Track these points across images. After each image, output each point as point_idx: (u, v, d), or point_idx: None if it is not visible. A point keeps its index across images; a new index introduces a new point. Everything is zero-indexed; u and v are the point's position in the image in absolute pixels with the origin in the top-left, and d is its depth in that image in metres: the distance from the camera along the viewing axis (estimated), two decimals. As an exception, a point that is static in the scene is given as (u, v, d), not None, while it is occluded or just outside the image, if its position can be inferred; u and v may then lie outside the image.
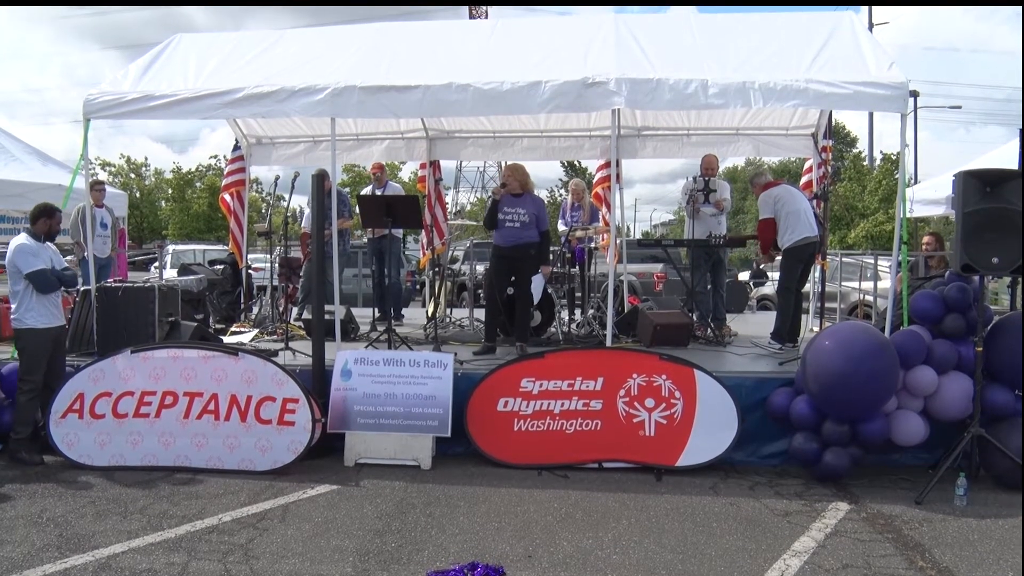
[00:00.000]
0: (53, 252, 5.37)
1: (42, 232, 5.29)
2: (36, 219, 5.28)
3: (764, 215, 6.85)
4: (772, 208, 6.78)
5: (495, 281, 6.58)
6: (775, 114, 8.01)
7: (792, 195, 6.80)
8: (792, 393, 5.17)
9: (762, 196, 6.91)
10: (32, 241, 5.23)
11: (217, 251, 17.27)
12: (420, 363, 5.26)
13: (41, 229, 5.28)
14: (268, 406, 5.05)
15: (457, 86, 5.67)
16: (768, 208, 6.82)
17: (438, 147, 9.09)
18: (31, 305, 5.16)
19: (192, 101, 5.94)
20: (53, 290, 5.26)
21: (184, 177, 37.08)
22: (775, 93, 5.41)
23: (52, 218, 5.31)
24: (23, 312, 5.16)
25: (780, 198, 6.77)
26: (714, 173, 7.73)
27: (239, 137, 8.92)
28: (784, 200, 6.75)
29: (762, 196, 6.91)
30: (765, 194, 6.88)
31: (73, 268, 6.59)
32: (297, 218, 8.02)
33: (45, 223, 5.28)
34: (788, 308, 6.81)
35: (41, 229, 5.28)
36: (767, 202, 6.84)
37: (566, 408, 5.17)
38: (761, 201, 6.92)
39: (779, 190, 6.85)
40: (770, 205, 6.80)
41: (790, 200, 6.74)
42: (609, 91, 5.53)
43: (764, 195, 6.89)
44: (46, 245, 5.32)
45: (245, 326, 7.93)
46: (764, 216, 6.84)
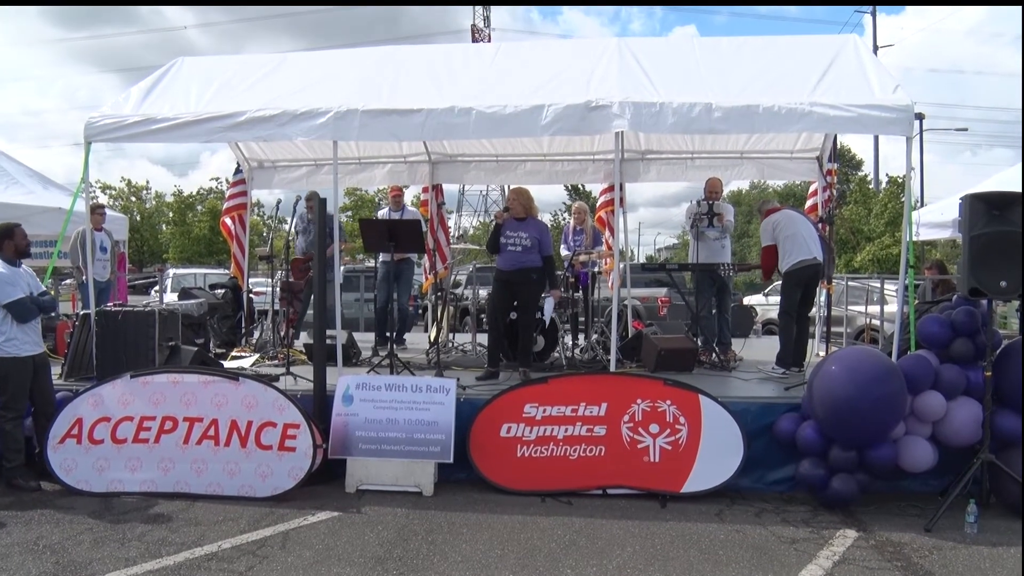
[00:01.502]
0: (30, 276, 5.29)
1: (11, 254, 5.19)
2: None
3: (765, 242, 6.95)
4: (771, 235, 6.88)
5: (497, 306, 6.61)
6: (780, 137, 8.10)
7: (791, 220, 6.87)
8: (798, 418, 5.18)
9: (763, 224, 7.02)
10: (6, 268, 5.14)
11: (218, 275, 17.31)
12: (422, 388, 5.28)
13: (9, 251, 5.18)
14: (269, 432, 5.07)
15: (460, 109, 5.75)
16: (768, 235, 6.92)
17: (441, 171, 9.16)
18: (12, 334, 5.11)
19: (194, 124, 6.02)
20: (33, 318, 5.21)
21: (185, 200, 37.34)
22: (779, 117, 5.47)
23: (13, 237, 5.19)
24: (3, 342, 5.09)
25: (778, 224, 6.87)
26: (718, 196, 7.79)
27: (241, 160, 9.01)
28: (782, 225, 6.83)
29: (763, 224, 7.02)
30: (765, 221, 6.99)
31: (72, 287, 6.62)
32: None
33: (10, 245, 5.18)
34: (790, 333, 6.83)
35: (9, 251, 5.18)
36: (767, 229, 6.94)
37: (570, 434, 5.18)
38: (762, 229, 7.02)
39: (778, 216, 6.94)
40: (769, 232, 6.90)
41: (788, 224, 6.82)
42: (612, 114, 5.59)
43: (765, 223, 7.00)
44: (21, 270, 5.23)
45: (246, 351, 7.95)
46: (765, 243, 6.94)
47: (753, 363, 7.50)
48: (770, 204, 7.32)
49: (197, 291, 9.55)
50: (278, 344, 7.75)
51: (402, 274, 8.55)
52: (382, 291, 8.47)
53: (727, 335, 7.85)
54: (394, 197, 8.73)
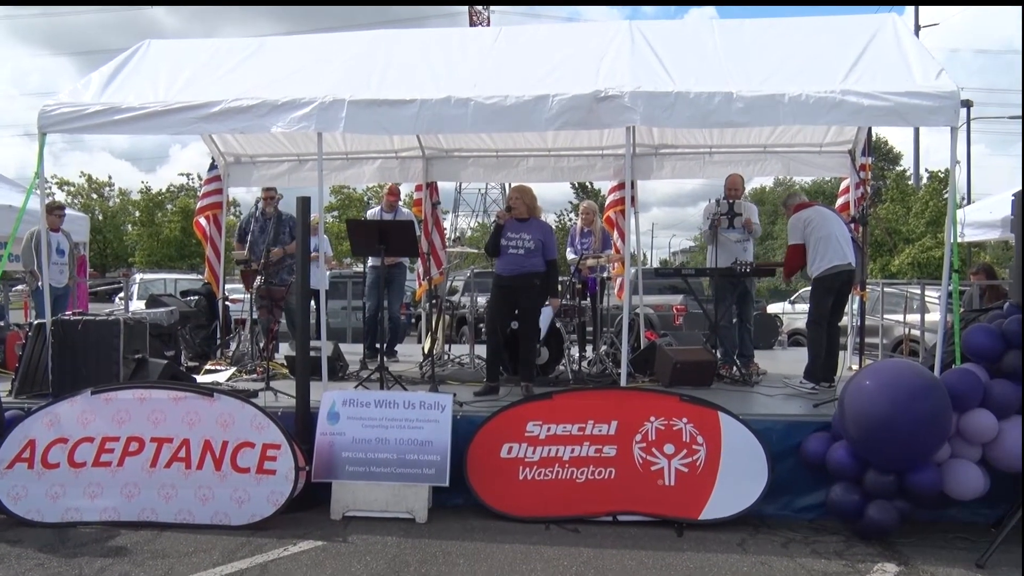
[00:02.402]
0: None
1: None
2: None
3: (793, 240, 6.91)
4: (801, 233, 6.84)
5: (497, 314, 6.63)
6: (807, 129, 8.10)
7: (824, 218, 6.85)
8: (829, 439, 5.17)
9: (792, 220, 6.98)
10: None
11: (190, 281, 17.38)
12: (415, 405, 5.29)
13: None
14: (246, 453, 5.06)
15: (456, 100, 5.77)
16: (797, 232, 6.88)
17: (435, 167, 9.20)
18: None
19: (163, 115, 6.02)
20: None
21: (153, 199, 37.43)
22: (807, 108, 5.47)
23: None
24: None
25: (810, 221, 6.83)
26: (739, 195, 7.82)
27: (216, 155, 9.05)
28: (815, 224, 6.80)
29: (792, 220, 6.98)
30: (795, 217, 6.95)
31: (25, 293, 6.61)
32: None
33: None
34: (820, 344, 6.81)
35: None
36: (796, 226, 6.90)
37: (576, 455, 5.19)
38: (790, 226, 6.98)
39: (810, 212, 6.91)
40: (799, 229, 6.87)
41: (821, 224, 6.79)
42: (623, 106, 5.61)
43: (794, 218, 6.95)
44: None
45: (221, 364, 7.98)
46: (793, 241, 6.91)
47: (778, 377, 7.52)
48: (799, 198, 7.30)
49: (167, 298, 9.58)
50: (257, 357, 7.77)
51: (393, 280, 8.57)
52: (372, 299, 8.49)
53: (749, 346, 7.86)
54: (390, 198, 8.75)
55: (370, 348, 8.35)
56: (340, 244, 31.27)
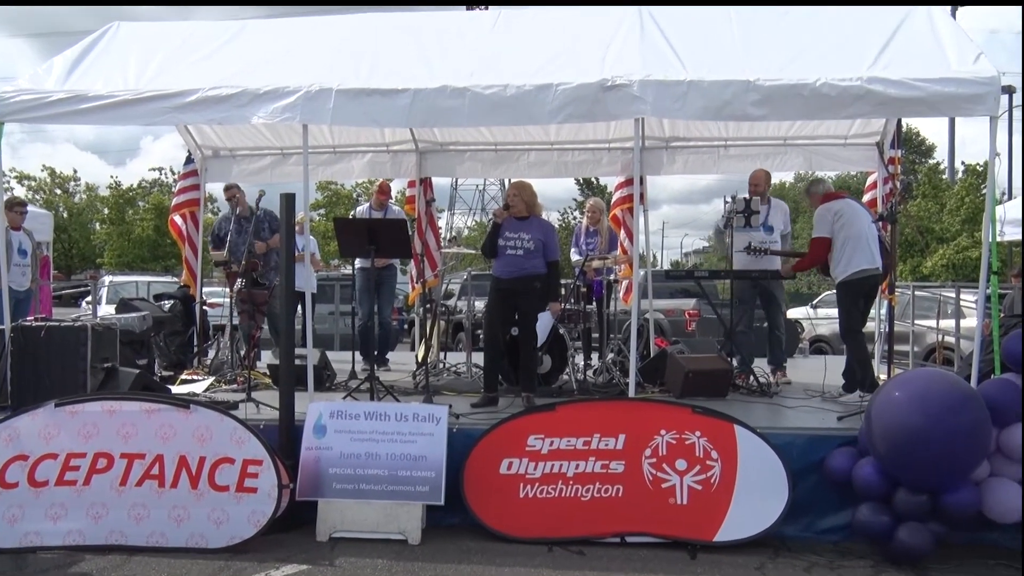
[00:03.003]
0: None
1: None
2: None
3: (820, 232, 6.75)
4: (829, 227, 6.69)
5: (495, 319, 6.65)
6: (831, 120, 7.95)
7: (856, 214, 6.70)
8: (855, 454, 5.16)
9: (820, 210, 6.82)
10: None
11: (165, 283, 17.40)
12: (408, 417, 5.30)
13: None
14: (225, 469, 5.07)
15: (452, 90, 5.79)
16: (825, 225, 6.72)
17: (430, 162, 9.21)
18: None
19: (134, 104, 6.01)
20: None
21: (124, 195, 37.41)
22: (829, 100, 5.48)
23: None
24: None
25: (841, 215, 6.67)
26: (761, 192, 7.81)
27: (192, 148, 9.07)
28: (845, 219, 6.65)
29: (820, 210, 6.82)
30: (824, 208, 6.79)
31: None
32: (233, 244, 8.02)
33: None
34: (862, 349, 6.71)
35: None
36: (824, 217, 6.74)
37: (581, 471, 5.20)
38: (818, 216, 6.81)
39: (841, 205, 6.75)
40: (828, 222, 6.71)
41: (853, 220, 6.64)
42: (632, 96, 5.62)
43: (823, 209, 6.80)
44: None
45: (198, 373, 7.99)
46: (820, 234, 6.74)
47: (799, 387, 7.53)
48: (826, 186, 7.15)
49: (139, 303, 9.58)
50: (237, 365, 7.78)
51: (384, 282, 8.59)
52: (364, 304, 8.50)
53: (779, 354, 7.85)
54: (380, 196, 8.76)
55: (366, 356, 8.34)
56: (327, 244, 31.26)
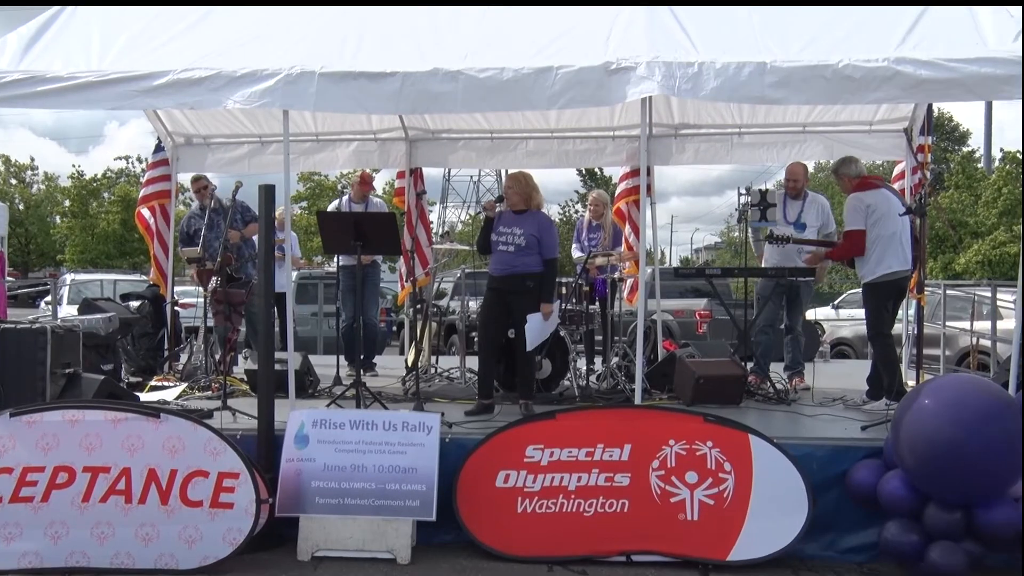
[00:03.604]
0: None
1: None
2: None
3: (855, 225, 6.62)
4: (864, 220, 6.60)
5: (489, 321, 6.67)
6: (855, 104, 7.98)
7: (891, 208, 6.59)
8: (881, 467, 5.17)
9: (851, 200, 6.71)
10: None
11: (132, 282, 17.38)
12: (397, 426, 5.31)
13: None
14: (198, 483, 5.06)
15: (445, 73, 5.79)
16: (859, 217, 6.60)
17: (420, 151, 9.24)
18: None
19: (98, 87, 5.98)
20: None
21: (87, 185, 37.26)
22: (853, 83, 5.47)
23: None
24: None
25: (875, 210, 6.58)
26: (800, 187, 7.79)
27: (162, 135, 9.06)
28: (880, 215, 6.56)
29: (851, 200, 6.71)
30: (856, 198, 6.68)
31: None
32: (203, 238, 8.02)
33: None
34: (890, 355, 6.71)
35: None
36: (858, 209, 6.63)
37: (584, 484, 5.21)
38: (850, 207, 6.70)
39: (875, 198, 6.63)
40: (862, 214, 6.60)
41: (889, 218, 6.55)
42: (638, 77, 5.62)
43: (855, 199, 6.69)
44: None
45: (170, 379, 7.99)
46: (855, 226, 6.61)
47: (819, 394, 7.54)
48: (858, 167, 6.96)
49: (104, 303, 9.55)
50: (212, 371, 7.80)
51: (367, 279, 8.58)
52: (348, 306, 8.52)
53: (799, 359, 7.86)
54: (362, 187, 8.76)
55: (351, 359, 8.38)
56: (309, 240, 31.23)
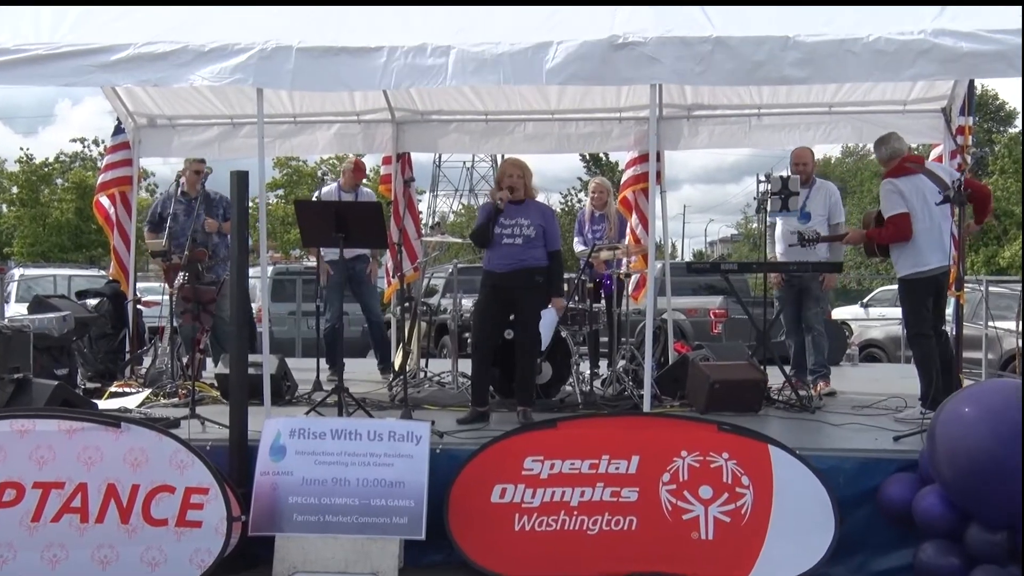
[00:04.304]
0: None
1: None
2: None
3: (897, 208, 6.56)
4: (903, 202, 6.56)
5: (486, 321, 6.68)
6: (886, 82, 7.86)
7: (927, 197, 6.55)
8: (916, 481, 5.17)
9: (886, 184, 6.71)
10: None
11: (89, 278, 17.35)
12: (383, 436, 5.32)
13: None
14: (163, 500, 5.07)
15: (435, 48, 5.81)
16: (897, 200, 6.57)
17: (408, 134, 9.26)
18: None
19: (50, 61, 5.97)
20: None
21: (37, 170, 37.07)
22: (885, 59, 5.50)
23: None
24: None
25: (908, 199, 6.54)
26: (809, 172, 7.82)
27: (122, 115, 9.03)
28: (912, 205, 6.54)
29: (886, 184, 6.71)
30: (890, 182, 6.67)
31: None
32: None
33: None
34: (932, 358, 6.66)
35: None
36: (893, 192, 6.61)
37: (588, 499, 5.22)
38: (884, 191, 6.72)
39: (909, 184, 6.59)
40: (899, 197, 6.57)
41: (926, 205, 6.52)
42: (646, 56, 5.65)
43: (888, 183, 6.68)
44: None
45: (131, 385, 7.99)
46: (898, 209, 6.55)
47: (847, 401, 7.58)
48: (892, 148, 6.87)
49: (58, 300, 9.52)
50: (179, 375, 7.80)
51: (357, 275, 8.63)
52: (332, 303, 8.56)
53: (820, 359, 7.87)
54: (356, 174, 8.76)
55: (332, 364, 8.42)
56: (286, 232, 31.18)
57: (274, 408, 6.41)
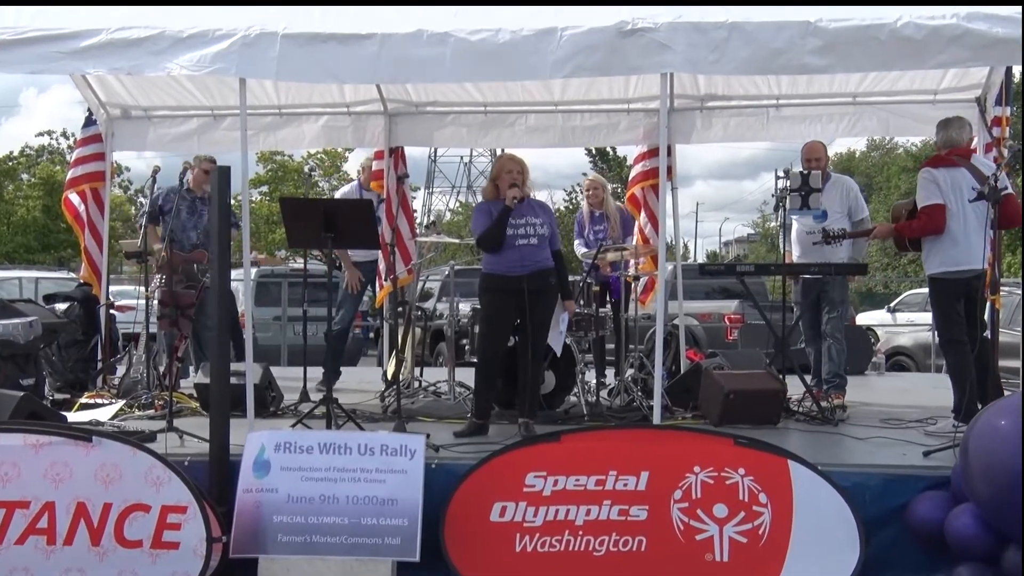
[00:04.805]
0: None
1: None
2: None
3: (932, 199, 6.55)
4: (939, 192, 6.55)
5: (498, 330, 6.66)
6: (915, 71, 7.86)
7: (963, 194, 6.53)
8: (948, 500, 5.16)
9: (923, 173, 6.70)
10: None
11: (59, 280, 17.34)
12: (375, 450, 5.31)
13: None
14: (137, 519, 5.06)
15: (431, 36, 5.82)
16: (932, 190, 6.56)
17: (402, 127, 9.25)
18: None
19: (13, 46, 5.97)
20: None
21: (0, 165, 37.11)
22: (913, 46, 5.50)
23: None
24: None
25: (956, 189, 6.50)
26: (820, 166, 7.82)
27: (93, 106, 9.02)
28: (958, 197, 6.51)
29: (923, 173, 6.70)
30: (927, 171, 6.66)
31: None
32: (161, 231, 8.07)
33: None
34: (966, 366, 6.63)
35: None
36: (929, 181, 6.58)
37: (594, 518, 5.22)
38: (921, 180, 6.70)
39: (947, 176, 6.58)
40: (934, 187, 6.56)
41: (957, 205, 6.51)
42: (657, 43, 5.66)
43: (926, 172, 6.68)
44: None
45: (104, 396, 7.98)
46: (933, 200, 6.54)
47: (873, 413, 7.56)
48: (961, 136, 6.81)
49: (24, 305, 9.54)
50: (155, 385, 7.81)
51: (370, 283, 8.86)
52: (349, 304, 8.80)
53: (837, 370, 7.88)
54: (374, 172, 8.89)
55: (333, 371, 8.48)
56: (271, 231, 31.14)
57: (258, 420, 6.41)
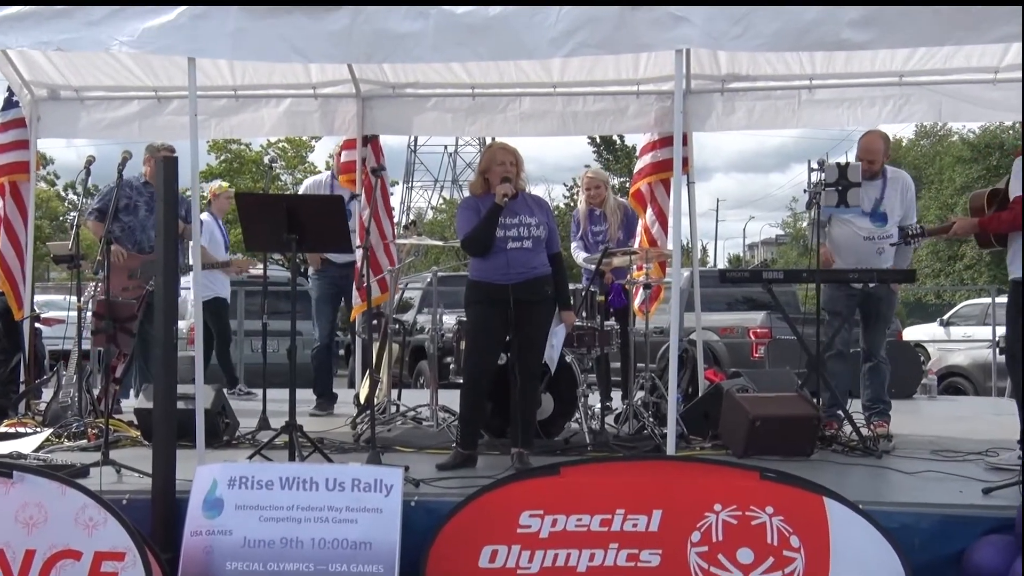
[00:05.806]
0: None
1: None
2: None
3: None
4: None
5: (488, 346, 6.63)
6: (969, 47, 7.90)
7: None
8: (1013, 546, 5.15)
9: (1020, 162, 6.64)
10: None
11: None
12: (346, 485, 5.31)
13: None
14: (67, 568, 5.05)
15: (411, 8, 5.83)
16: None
17: (377, 112, 9.27)
18: None
19: None
20: None
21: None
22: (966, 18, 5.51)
23: None
24: None
25: None
26: (875, 164, 7.80)
27: (15, 85, 8.92)
28: None
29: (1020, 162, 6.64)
30: None
31: None
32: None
33: None
34: None
35: None
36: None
37: (598, 564, 5.22)
38: (1016, 169, 6.65)
39: None
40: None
41: None
42: (671, 15, 5.67)
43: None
44: None
45: (27, 424, 7.97)
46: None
47: (923, 443, 7.57)
48: None
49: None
50: (87, 411, 7.81)
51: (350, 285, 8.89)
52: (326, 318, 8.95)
53: (882, 393, 7.89)
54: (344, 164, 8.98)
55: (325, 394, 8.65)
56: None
57: (208, 451, 6.41)
